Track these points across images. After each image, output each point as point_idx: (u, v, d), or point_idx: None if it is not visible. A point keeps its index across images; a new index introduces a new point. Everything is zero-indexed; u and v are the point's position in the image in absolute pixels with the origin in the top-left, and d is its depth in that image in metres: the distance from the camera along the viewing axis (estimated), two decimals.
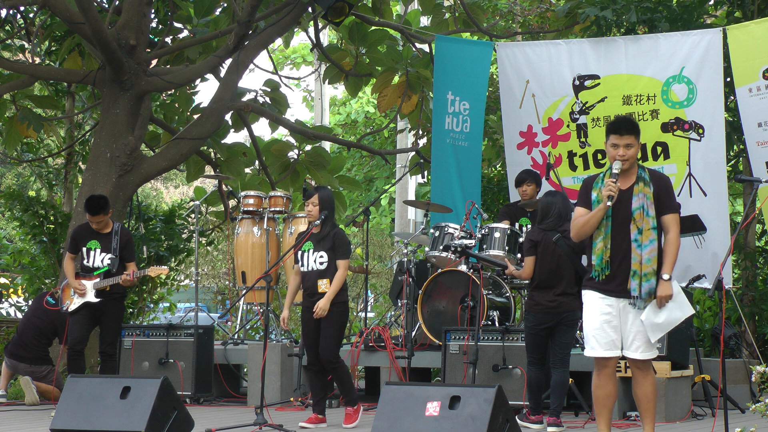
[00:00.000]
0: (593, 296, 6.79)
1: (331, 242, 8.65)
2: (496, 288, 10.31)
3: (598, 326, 6.76)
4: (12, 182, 25.81)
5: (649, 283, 6.65)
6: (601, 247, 6.73)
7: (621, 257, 6.69)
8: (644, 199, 6.69)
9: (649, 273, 6.64)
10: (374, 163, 28.22)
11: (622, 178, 6.77)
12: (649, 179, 6.74)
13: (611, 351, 6.75)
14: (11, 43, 15.65)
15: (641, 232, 6.66)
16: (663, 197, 6.73)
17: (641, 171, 6.78)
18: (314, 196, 8.71)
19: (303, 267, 8.74)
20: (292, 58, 31.18)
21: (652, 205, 6.69)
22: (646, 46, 11.35)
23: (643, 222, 6.66)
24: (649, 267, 6.64)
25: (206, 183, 16.27)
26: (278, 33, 13.36)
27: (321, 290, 8.62)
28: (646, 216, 6.67)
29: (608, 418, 6.86)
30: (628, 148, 6.73)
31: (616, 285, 6.71)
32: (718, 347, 11.00)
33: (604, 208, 6.68)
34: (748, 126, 10.80)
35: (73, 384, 7.82)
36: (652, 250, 6.65)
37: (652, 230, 6.66)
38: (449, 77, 12.03)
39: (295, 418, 9.05)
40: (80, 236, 9.75)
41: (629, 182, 6.75)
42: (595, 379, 6.85)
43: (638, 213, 6.68)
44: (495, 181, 14.63)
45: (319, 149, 14.77)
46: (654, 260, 6.65)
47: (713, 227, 10.84)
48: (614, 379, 6.86)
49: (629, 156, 6.73)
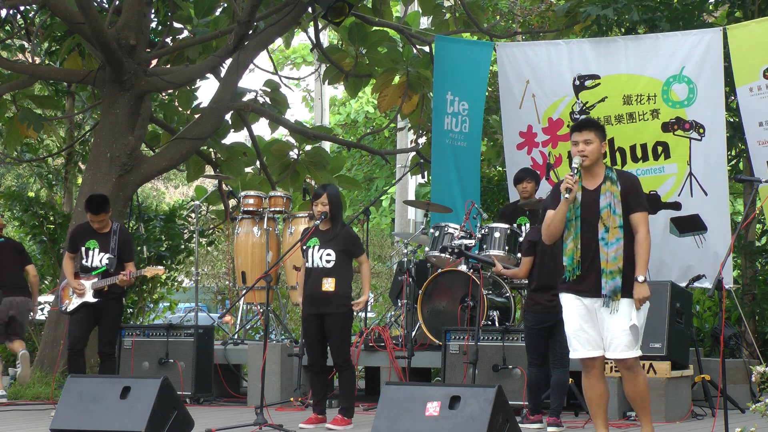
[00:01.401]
0: (569, 298, 6.80)
1: (343, 243, 8.60)
2: (496, 288, 10.31)
3: (577, 327, 6.77)
4: (12, 182, 25.81)
5: (615, 281, 6.62)
6: (572, 247, 6.74)
7: (591, 257, 6.69)
8: (611, 198, 6.69)
9: (614, 271, 6.61)
10: (374, 163, 28.24)
11: (589, 179, 6.78)
12: (617, 178, 6.75)
13: (594, 351, 6.76)
14: (11, 43, 15.66)
15: (608, 231, 6.66)
16: (630, 196, 6.72)
17: (608, 171, 6.79)
18: (323, 195, 8.65)
19: (308, 263, 8.65)
20: (292, 59, 31.20)
21: (619, 204, 6.68)
22: (646, 46, 11.34)
23: (609, 220, 6.66)
24: (614, 265, 6.62)
25: (207, 183, 16.27)
26: (278, 33, 13.37)
27: (325, 289, 8.55)
28: (613, 214, 6.66)
29: (604, 418, 6.86)
30: (587, 143, 6.74)
31: (587, 285, 6.71)
32: (718, 347, 11.00)
33: (563, 203, 6.68)
34: (749, 125, 10.80)
35: (73, 384, 7.81)
36: (617, 248, 6.63)
37: (619, 228, 6.65)
38: (449, 77, 12.03)
39: (295, 418, 9.04)
40: (79, 236, 9.74)
41: (596, 182, 6.77)
42: (585, 381, 6.86)
43: (605, 211, 6.68)
44: (495, 181, 14.63)
45: (319, 149, 14.78)
46: (620, 258, 6.62)
47: (714, 227, 10.85)
48: (603, 378, 6.86)
49: (588, 151, 6.73)
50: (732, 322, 11.55)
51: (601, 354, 6.78)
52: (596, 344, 6.75)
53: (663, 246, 10.90)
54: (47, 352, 11.61)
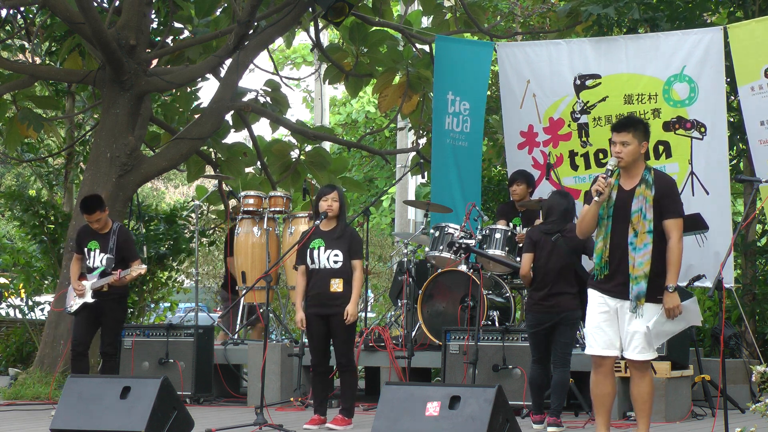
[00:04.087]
0: (594, 295, 6.79)
1: (348, 242, 8.57)
2: (496, 288, 10.31)
3: (596, 325, 6.76)
4: (12, 182, 25.80)
5: (639, 286, 6.58)
6: (601, 246, 6.72)
7: (619, 257, 6.66)
8: (643, 202, 6.61)
9: (639, 276, 6.57)
10: (374, 163, 28.22)
11: (627, 179, 6.72)
12: (653, 182, 6.65)
13: (609, 350, 6.74)
14: (11, 43, 15.65)
15: (637, 235, 6.61)
16: (664, 201, 6.63)
17: (646, 173, 6.69)
18: (333, 192, 8.59)
19: (313, 264, 8.57)
20: (292, 58, 31.18)
21: (650, 209, 6.60)
22: (647, 45, 11.33)
23: (639, 225, 6.61)
24: (641, 270, 6.57)
25: (207, 182, 16.28)
26: (278, 33, 13.36)
27: (333, 289, 8.50)
28: (644, 219, 6.60)
29: (606, 417, 6.85)
30: (624, 145, 6.65)
31: (614, 285, 6.68)
32: (718, 347, 10.99)
33: (594, 204, 6.66)
34: (751, 125, 10.79)
35: (73, 384, 7.80)
36: (645, 253, 6.58)
37: (648, 234, 6.59)
38: (449, 77, 12.02)
39: (295, 418, 9.04)
40: (81, 237, 9.79)
41: (633, 183, 6.69)
42: (593, 377, 6.86)
43: (636, 216, 6.62)
44: (495, 180, 14.63)
45: (319, 149, 14.77)
46: (647, 264, 6.57)
47: (715, 226, 10.82)
48: (612, 377, 6.85)
49: (624, 153, 6.64)
50: (732, 321, 11.55)
51: (615, 354, 6.76)
52: (612, 344, 6.73)
53: None
54: (47, 352, 11.61)
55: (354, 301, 8.51)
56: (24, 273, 14.55)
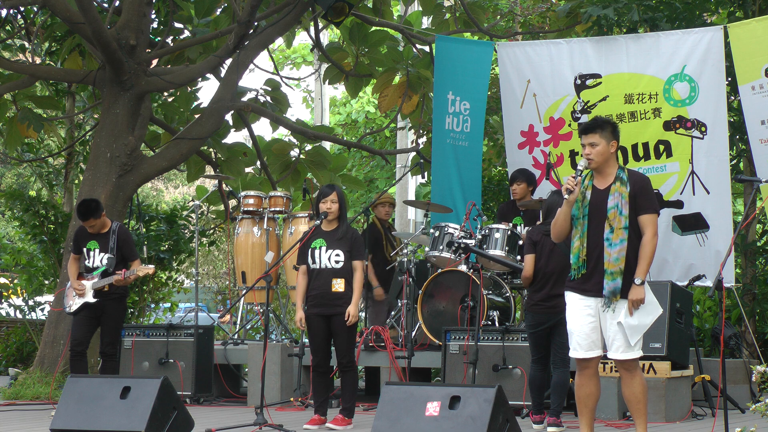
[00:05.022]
0: (573, 297, 6.80)
1: (350, 243, 8.57)
2: (496, 288, 10.30)
3: (577, 327, 6.77)
4: (12, 182, 25.82)
5: (614, 282, 6.60)
6: (578, 245, 6.74)
7: (597, 256, 6.68)
8: (619, 198, 6.66)
9: (615, 272, 6.60)
10: (374, 163, 28.21)
11: (600, 179, 6.77)
12: (627, 179, 6.72)
13: (592, 351, 6.76)
14: (11, 43, 15.66)
15: (613, 231, 6.64)
16: (639, 197, 6.69)
17: (620, 171, 6.76)
18: (332, 193, 8.59)
19: (314, 264, 8.58)
20: (292, 58, 31.17)
21: (626, 204, 6.65)
22: (648, 45, 11.34)
23: (615, 221, 6.64)
24: (616, 266, 6.60)
25: (207, 182, 16.27)
26: (278, 33, 13.36)
27: (335, 289, 8.51)
28: (620, 215, 6.64)
29: (589, 418, 6.86)
30: (593, 146, 6.72)
31: (592, 284, 6.70)
32: (718, 347, 10.99)
33: (565, 204, 6.70)
34: (751, 124, 10.79)
35: (73, 384, 7.80)
36: (620, 249, 6.61)
37: (623, 230, 6.63)
38: (450, 77, 12.02)
39: (295, 418, 9.04)
40: (80, 237, 9.76)
41: (607, 182, 6.75)
42: (577, 379, 6.87)
43: (612, 212, 6.66)
44: (495, 180, 14.62)
45: (319, 149, 14.77)
46: (622, 260, 6.60)
47: (716, 225, 10.83)
48: (596, 378, 6.86)
49: (594, 154, 6.71)
50: (732, 321, 11.54)
51: (599, 354, 6.78)
52: (595, 345, 6.75)
53: (665, 245, 10.88)
54: (47, 352, 11.60)
55: (355, 302, 8.52)
56: (25, 273, 14.55)
